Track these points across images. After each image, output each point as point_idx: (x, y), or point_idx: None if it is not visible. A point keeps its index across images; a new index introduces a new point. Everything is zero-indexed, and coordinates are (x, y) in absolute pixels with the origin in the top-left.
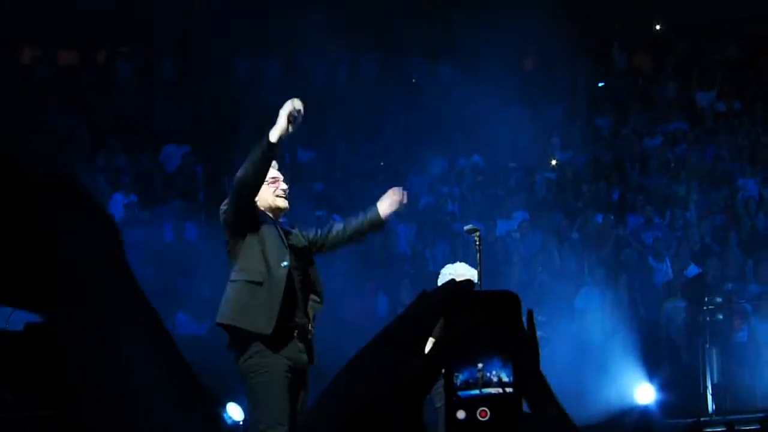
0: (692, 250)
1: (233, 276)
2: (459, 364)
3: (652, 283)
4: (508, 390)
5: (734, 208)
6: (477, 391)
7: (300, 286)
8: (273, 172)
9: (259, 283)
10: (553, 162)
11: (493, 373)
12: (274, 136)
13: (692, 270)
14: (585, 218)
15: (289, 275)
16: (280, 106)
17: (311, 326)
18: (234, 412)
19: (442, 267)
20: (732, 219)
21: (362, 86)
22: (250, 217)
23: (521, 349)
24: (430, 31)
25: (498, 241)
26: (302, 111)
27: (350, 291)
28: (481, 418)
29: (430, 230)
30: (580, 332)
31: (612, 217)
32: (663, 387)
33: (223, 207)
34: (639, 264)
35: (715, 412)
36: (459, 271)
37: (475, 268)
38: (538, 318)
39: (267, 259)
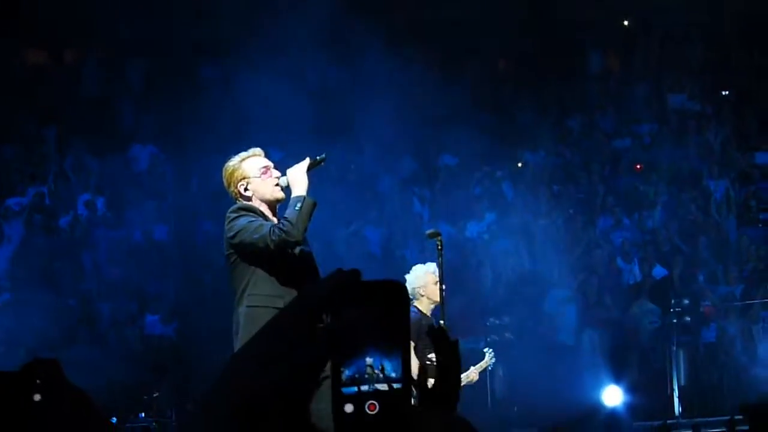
0: (660, 252)
1: (249, 302)
2: (346, 357)
3: (621, 285)
4: (396, 385)
5: (703, 210)
6: (364, 387)
7: None
8: (263, 160)
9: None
10: (519, 164)
11: (381, 367)
12: (303, 190)
13: (660, 272)
14: (554, 219)
15: None
16: (249, 107)
17: None
18: None
19: (413, 267)
20: (701, 221)
21: (332, 88)
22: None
23: (441, 372)
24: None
25: (468, 242)
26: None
27: None
28: (369, 412)
29: (400, 231)
30: (548, 333)
31: (581, 218)
32: (630, 389)
33: (243, 241)
34: (608, 265)
35: (682, 414)
36: (418, 273)
37: (440, 270)
38: (504, 320)
39: (289, 283)
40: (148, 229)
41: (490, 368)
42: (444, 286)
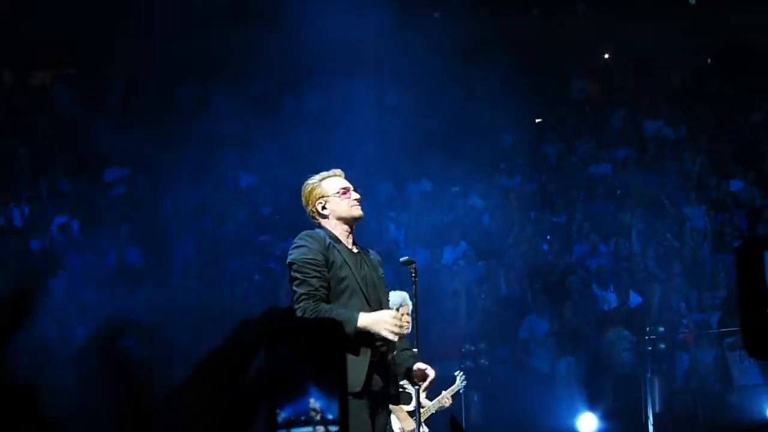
0: (636, 279)
1: None
2: (282, 398)
3: (597, 312)
4: (332, 428)
5: (679, 237)
6: (300, 429)
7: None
8: (343, 181)
9: None
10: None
11: (317, 408)
12: (364, 324)
13: (635, 299)
14: (531, 246)
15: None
16: (224, 130)
17: (393, 364)
18: None
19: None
20: (676, 247)
21: (307, 111)
22: None
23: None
24: (378, 55)
25: (444, 268)
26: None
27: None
28: None
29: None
30: (523, 360)
31: (557, 244)
32: (605, 416)
33: (291, 279)
34: (583, 292)
35: None
36: (393, 299)
37: (413, 299)
38: (480, 346)
39: (351, 309)
40: (122, 252)
41: (461, 391)
42: (416, 315)
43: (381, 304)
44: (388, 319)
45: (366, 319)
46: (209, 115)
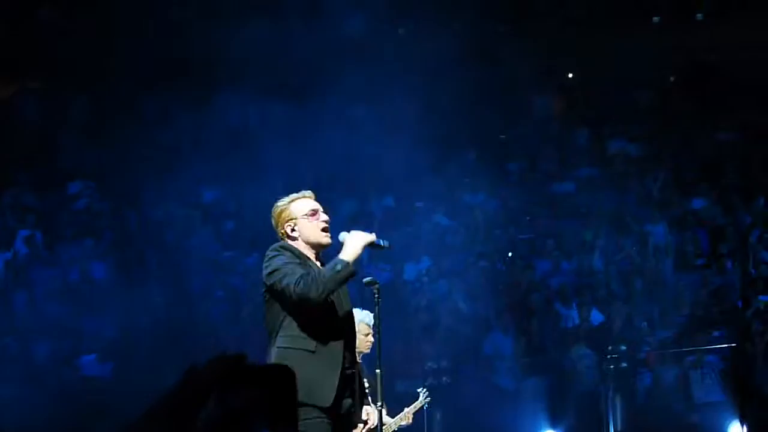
0: (597, 297)
1: (280, 343)
2: None
3: (559, 329)
4: None
5: (642, 255)
6: None
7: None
8: (312, 203)
9: (312, 351)
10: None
11: None
12: (351, 257)
13: (597, 317)
14: (493, 262)
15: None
16: (188, 144)
17: (358, 377)
18: None
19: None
20: (639, 265)
21: (271, 127)
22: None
23: None
24: (342, 69)
25: (406, 284)
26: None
27: (256, 332)
28: None
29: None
30: (487, 377)
31: (520, 261)
32: None
33: (275, 283)
34: (546, 309)
35: None
36: (366, 320)
37: (376, 320)
38: (442, 363)
39: (321, 325)
40: (86, 267)
41: (425, 408)
42: (379, 335)
43: (349, 319)
44: (359, 234)
45: (350, 250)
46: (172, 127)
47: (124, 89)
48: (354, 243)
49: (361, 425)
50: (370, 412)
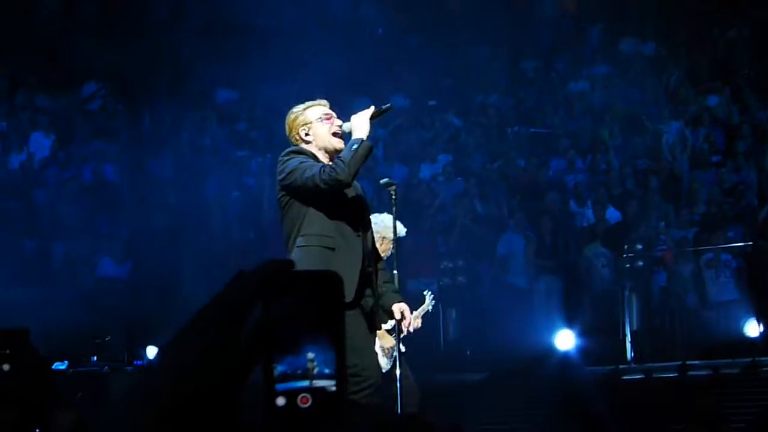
0: (613, 195)
1: (301, 242)
2: (278, 353)
3: (574, 228)
4: (329, 382)
5: (657, 152)
6: (299, 384)
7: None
8: (326, 109)
9: (332, 249)
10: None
11: (314, 362)
12: (364, 134)
13: (613, 215)
14: (507, 161)
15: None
16: (200, 45)
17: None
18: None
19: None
20: (654, 163)
21: (281, 26)
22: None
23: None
24: None
25: (422, 184)
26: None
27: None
28: (302, 405)
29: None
30: (501, 276)
31: (535, 160)
32: (583, 333)
33: (295, 181)
34: (561, 208)
35: (634, 359)
36: (386, 222)
37: (393, 220)
38: (458, 263)
39: (340, 224)
40: (100, 168)
41: (430, 310)
42: (396, 239)
43: (366, 226)
44: (360, 114)
45: (359, 128)
46: (185, 29)
47: None
48: (359, 122)
49: (392, 322)
50: (404, 309)
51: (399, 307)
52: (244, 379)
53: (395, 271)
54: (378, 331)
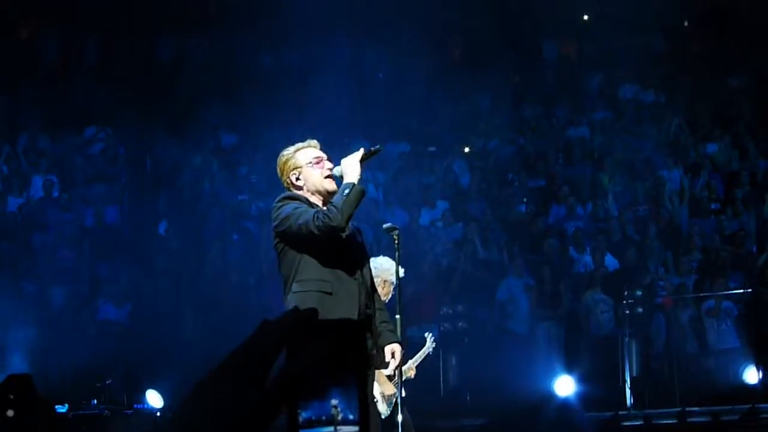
0: (612, 242)
1: (297, 288)
2: (302, 399)
3: (574, 275)
4: (353, 428)
5: (657, 200)
6: (322, 430)
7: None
8: (316, 152)
9: (329, 293)
10: (466, 149)
11: (338, 409)
12: (354, 178)
13: (612, 262)
14: (508, 208)
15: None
16: (205, 86)
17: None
18: (153, 399)
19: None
20: (654, 211)
21: (286, 69)
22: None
23: None
24: (355, 15)
25: (421, 229)
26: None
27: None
28: None
29: (355, 217)
30: (501, 322)
31: (535, 207)
32: (582, 379)
33: (289, 228)
34: (561, 255)
35: (634, 405)
36: (385, 266)
37: (396, 266)
38: (458, 308)
39: (335, 269)
40: (100, 212)
41: (430, 353)
42: (398, 282)
43: (363, 269)
44: (350, 157)
45: (349, 172)
46: (188, 71)
47: (139, 32)
48: (349, 165)
49: (392, 362)
50: (395, 350)
51: (391, 348)
52: (269, 426)
53: (397, 316)
54: (379, 377)
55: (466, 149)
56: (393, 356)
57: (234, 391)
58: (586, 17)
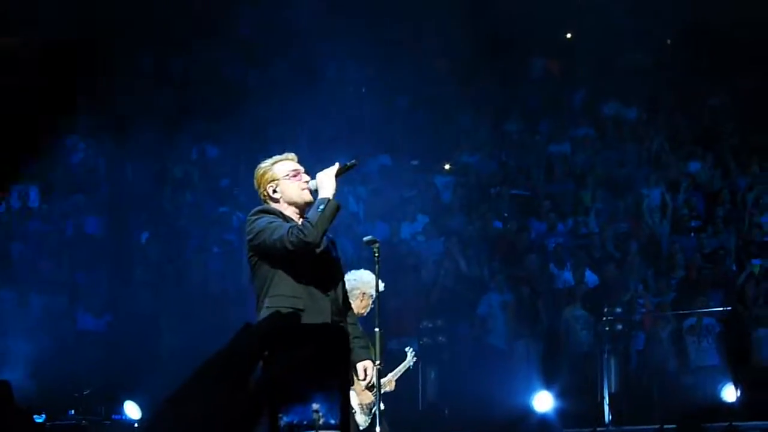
0: (593, 258)
1: (269, 303)
2: (284, 404)
3: (554, 290)
4: None
5: (638, 217)
6: None
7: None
8: (294, 165)
9: (301, 310)
10: (447, 166)
11: (320, 414)
12: (329, 193)
13: (593, 279)
14: (489, 223)
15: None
16: (185, 100)
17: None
18: (131, 411)
19: (346, 270)
20: (635, 227)
21: (272, 84)
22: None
23: None
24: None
25: (402, 243)
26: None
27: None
28: None
29: (332, 230)
30: (481, 337)
31: (516, 222)
32: (561, 395)
33: (263, 242)
34: (541, 270)
35: (612, 422)
36: (365, 278)
37: (376, 279)
38: (437, 323)
39: (309, 284)
40: (80, 222)
41: (410, 367)
42: (380, 290)
43: (336, 285)
44: (325, 172)
45: (324, 187)
46: (170, 84)
47: (120, 45)
48: (325, 180)
49: (362, 380)
50: (367, 367)
51: (363, 366)
52: (250, 428)
53: (377, 329)
54: (356, 387)
55: (447, 166)
56: (365, 373)
57: (214, 396)
58: (569, 35)
